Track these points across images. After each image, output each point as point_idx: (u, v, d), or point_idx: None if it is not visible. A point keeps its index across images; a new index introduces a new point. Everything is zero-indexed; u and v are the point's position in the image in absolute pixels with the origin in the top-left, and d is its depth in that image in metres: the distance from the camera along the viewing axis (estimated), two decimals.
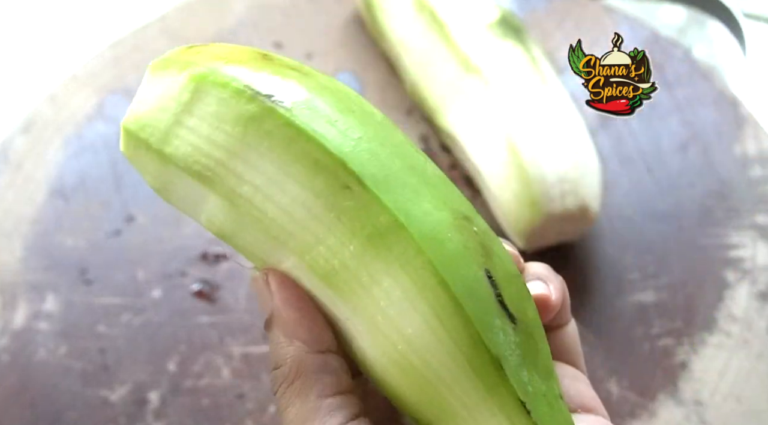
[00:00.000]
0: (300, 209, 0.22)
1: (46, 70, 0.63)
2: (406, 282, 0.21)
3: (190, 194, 0.24)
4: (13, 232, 0.47)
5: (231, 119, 0.23)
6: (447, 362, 0.21)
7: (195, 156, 0.23)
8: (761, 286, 0.44)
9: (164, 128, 0.24)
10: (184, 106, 0.24)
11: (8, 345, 0.43)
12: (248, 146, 0.23)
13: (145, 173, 0.25)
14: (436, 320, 0.21)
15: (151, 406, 0.41)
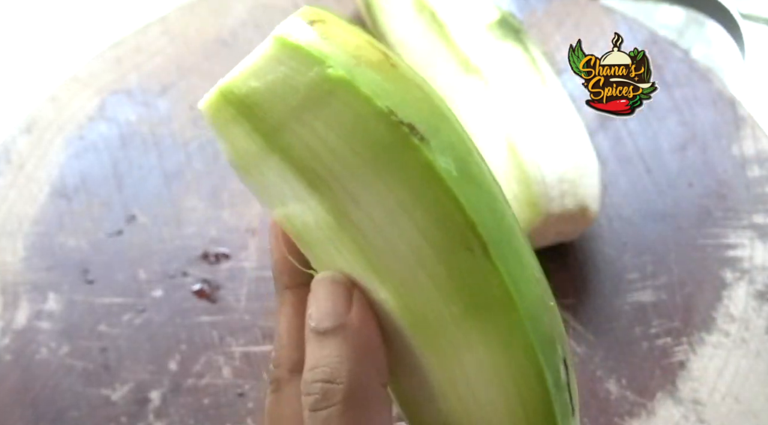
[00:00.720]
0: (411, 253, 0.21)
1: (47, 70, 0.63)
2: (501, 361, 0.20)
3: (280, 188, 0.22)
4: (15, 232, 0.47)
5: (364, 139, 0.21)
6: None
7: (311, 160, 0.21)
8: (759, 286, 0.44)
9: (280, 117, 0.21)
10: (312, 104, 0.21)
11: (10, 344, 0.43)
12: (375, 173, 0.21)
13: (229, 145, 0.23)
14: (520, 408, 0.20)
15: (153, 405, 0.41)
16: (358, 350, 0.21)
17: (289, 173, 0.21)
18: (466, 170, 0.21)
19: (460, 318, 0.21)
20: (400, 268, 0.21)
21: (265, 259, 0.46)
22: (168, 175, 0.49)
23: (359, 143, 0.21)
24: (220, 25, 0.55)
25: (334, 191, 0.21)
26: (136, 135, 0.50)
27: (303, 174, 0.21)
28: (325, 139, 0.21)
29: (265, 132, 0.21)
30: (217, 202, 0.48)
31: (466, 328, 0.21)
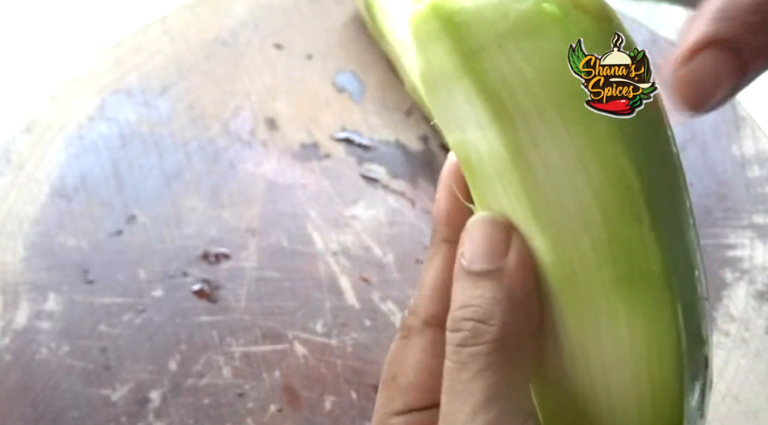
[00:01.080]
0: (577, 209, 0.20)
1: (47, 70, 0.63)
2: (642, 339, 0.20)
3: (463, 112, 0.22)
4: (15, 232, 0.47)
5: (560, 82, 0.20)
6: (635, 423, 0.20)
7: (503, 89, 0.20)
8: (759, 286, 0.44)
9: (483, 40, 0.21)
10: (518, 34, 0.20)
11: (10, 344, 0.43)
12: (562, 118, 0.20)
13: (426, 59, 0.22)
14: (650, 390, 0.20)
15: (153, 405, 0.41)
16: (513, 295, 0.21)
17: (476, 99, 0.21)
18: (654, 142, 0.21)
19: (609, 285, 0.20)
20: (563, 221, 0.20)
21: (266, 259, 0.46)
22: (168, 175, 0.49)
23: (555, 84, 0.20)
24: (220, 26, 0.55)
25: (516, 126, 0.21)
26: (136, 135, 0.50)
27: (491, 102, 0.21)
28: (522, 71, 0.20)
29: (465, 52, 0.21)
30: (217, 202, 0.48)
31: (614, 297, 0.20)
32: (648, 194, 0.20)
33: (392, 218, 0.47)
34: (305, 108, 0.52)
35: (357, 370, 0.42)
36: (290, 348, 0.43)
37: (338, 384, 0.42)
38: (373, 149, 0.50)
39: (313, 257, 0.46)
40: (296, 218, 0.47)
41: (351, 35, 0.55)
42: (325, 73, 0.53)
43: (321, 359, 0.43)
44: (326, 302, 0.44)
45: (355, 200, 0.48)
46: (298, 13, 0.56)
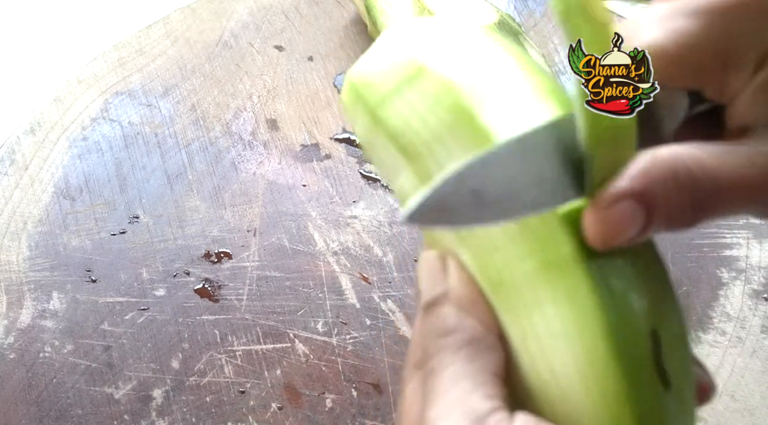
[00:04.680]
0: None
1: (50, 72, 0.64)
2: (569, 318, 0.21)
3: (390, 161, 0.25)
4: (20, 232, 0.47)
5: (447, 105, 0.23)
6: (587, 407, 0.21)
7: (404, 130, 0.24)
8: (755, 285, 0.44)
9: (384, 92, 0.25)
10: (409, 79, 0.24)
11: (14, 343, 0.43)
12: (455, 137, 0.23)
13: (356, 126, 0.26)
14: (588, 366, 0.21)
15: (155, 403, 0.42)
16: (462, 304, 0.23)
17: (390, 144, 0.24)
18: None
19: (532, 275, 0.22)
20: (480, 230, 0.22)
21: (266, 258, 0.46)
22: (170, 175, 0.49)
23: (443, 109, 0.23)
24: (221, 28, 0.56)
25: (422, 157, 0.23)
26: (139, 136, 0.51)
27: (398, 143, 0.24)
28: (418, 109, 0.24)
29: (372, 108, 0.25)
30: (218, 202, 0.48)
31: (538, 285, 0.21)
32: None
33: (392, 218, 0.47)
34: (306, 109, 0.52)
35: (357, 368, 0.43)
36: (291, 347, 0.43)
37: (339, 382, 0.42)
38: None
39: (313, 257, 0.46)
40: (297, 218, 0.47)
41: (351, 37, 0.55)
42: (325, 75, 0.54)
43: (321, 357, 0.43)
44: (327, 302, 0.45)
45: (355, 200, 0.48)
46: (299, 15, 0.57)
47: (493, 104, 0.23)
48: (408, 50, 0.25)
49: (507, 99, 0.23)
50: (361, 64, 0.26)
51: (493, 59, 0.24)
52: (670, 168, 0.20)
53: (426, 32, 0.25)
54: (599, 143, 0.20)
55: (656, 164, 0.20)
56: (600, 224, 0.20)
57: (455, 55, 0.24)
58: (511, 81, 0.23)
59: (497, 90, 0.23)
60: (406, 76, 0.24)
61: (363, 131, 0.26)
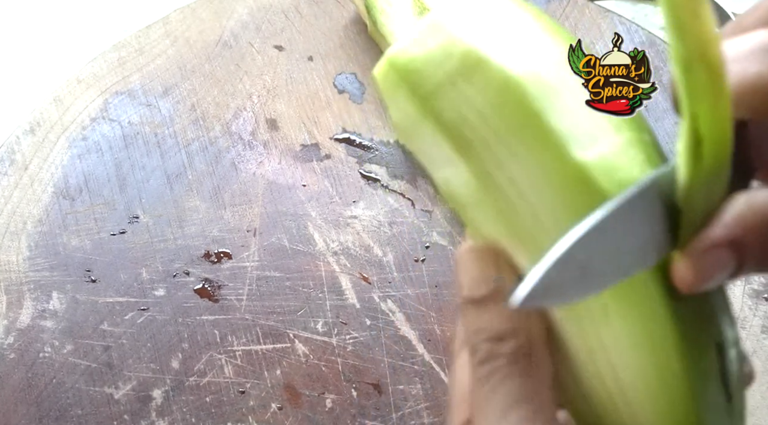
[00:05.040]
0: (551, 219, 0.21)
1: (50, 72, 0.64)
2: (640, 333, 0.21)
3: (435, 151, 0.24)
4: (19, 232, 0.47)
5: (514, 106, 0.22)
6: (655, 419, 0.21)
7: (461, 124, 0.22)
8: (755, 285, 0.44)
9: (437, 81, 0.23)
10: (466, 70, 0.22)
11: (14, 343, 0.43)
12: (521, 140, 0.21)
13: (395, 109, 0.25)
14: (658, 378, 0.21)
15: (155, 403, 0.42)
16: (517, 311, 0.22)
17: (440, 137, 0.23)
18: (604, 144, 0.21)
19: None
20: (540, 233, 0.21)
21: (266, 258, 0.46)
22: (170, 175, 0.49)
23: (505, 108, 0.22)
24: (221, 27, 0.56)
25: (479, 154, 0.22)
26: (139, 136, 0.51)
27: (452, 136, 0.22)
28: (476, 105, 0.22)
29: (422, 96, 0.23)
30: (218, 202, 0.48)
31: (605, 299, 0.21)
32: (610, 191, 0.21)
33: (392, 218, 0.47)
34: (306, 109, 0.52)
35: (357, 369, 0.42)
36: (291, 347, 0.43)
37: (338, 382, 0.42)
38: (373, 150, 0.50)
39: (313, 257, 0.46)
40: (297, 218, 0.47)
41: (351, 37, 0.55)
42: (325, 75, 0.54)
43: (321, 357, 0.43)
44: (327, 302, 0.45)
45: (355, 200, 0.48)
46: (299, 15, 0.57)
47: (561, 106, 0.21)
48: (463, 37, 0.23)
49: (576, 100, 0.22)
50: (406, 44, 0.24)
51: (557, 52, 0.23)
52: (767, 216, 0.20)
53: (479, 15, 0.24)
54: (696, 191, 0.20)
55: (753, 211, 0.20)
56: (692, 271, 0.20)
57: (516, 46, 0.22)
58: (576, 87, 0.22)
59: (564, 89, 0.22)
60: (462, 66, 0.22)
61: (405, 118, 0.24)
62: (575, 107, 0.22)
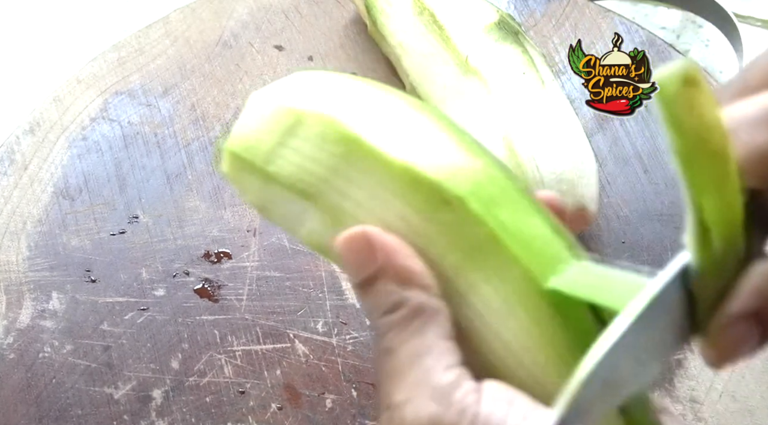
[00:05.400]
0: (401, 222, 0.23)
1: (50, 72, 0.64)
2: (505, 291, 0.22)
3: (291, 211, 0.26)
4: (19, 232, 0.47)
5: (334, 139, 0.24)
6: (545, 367, 0.22)
7: (299, 174, 0.25)
8: None
9: (268, 148, 0.25)
10: (289, 128, 0.25)
11: (14, 343, 0.43)
12: (350, 165, 0.24)
13: (247, 193, 0.27)
14: (536, 327, 0.22)
15: (155, 403, 0.42)
16: (400, 277, 0.23)
17: (289, 195, 0.25)
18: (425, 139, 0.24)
19: (459, 265, 0.23)
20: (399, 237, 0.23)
21: (266, 258, 0.46)
22: (170, 175, 0.49)
23: (331, 143, 0.24)
24: (221, 27, 0.56)
25: (325, 194, 0.24)
26: (139, 136, 0.51)
27: (297, 189, 0.25)
28: (306, 153, 0.25)
29: (260, 167, 0.25)
30: (218, 202, 0.48)
31: (467, 272, 0.23)
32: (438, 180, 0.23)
33: None
34: None
35: (357, 369, 0.42)
36: (291, 347, 0.43)
37: (338, 382, 0.42)
38: None
39: (313, 257, 0.46)
40: None
41: (351, 37, 0.55)
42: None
43: (321, 357, 0.43)
44: (327, 302, 0.45)
45: None
46: (299, 14, 0.57)
47: (375, 126, 0.24)
48: (280, 103, 0.26)
49: (386, 119, 0.24)
50: (234, 132, 0.27)
51: (363, 91, 0.26)
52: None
53: (292, 85, 0.27)
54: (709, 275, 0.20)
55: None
56: (716, 349, 0.20)
57: (328, 96, 0.25)
58: (385, 106, 0.25)
59: (375, 114, 0.24)
60: (285, 126, 0.25)
61: (256, 194, 0.26)
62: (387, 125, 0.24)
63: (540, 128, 0.42)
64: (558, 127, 0.42)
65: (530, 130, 0.41)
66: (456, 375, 0.22)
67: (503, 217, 0.23)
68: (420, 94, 0.48)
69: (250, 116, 0.27)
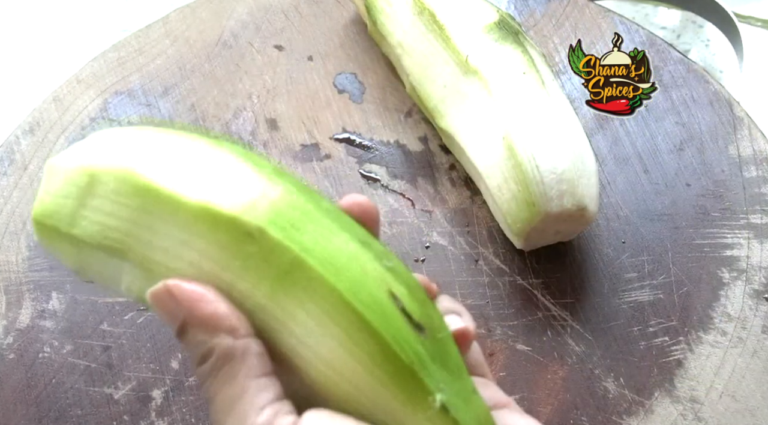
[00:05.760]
0: (209, 262, 0.24)
1: (50, 72, 0.64)
2: (316, 311, 0.23)
3: (106, 268, 0.26)
4: (19, 232, 0.47)
5: (130, 192, 0.25)
6: (365, 376, 0.23)
7: (104, 232, 0.25)
8: (756, 285, 0.44)
9: (70, 212, 0.26)
10: (85, 188, 0.25)
11: (13, 343, 0.43)
12: (150, 214, 0.24)
13: (63, 258, 0.27)
14: (349, 340, 0.23)
15: (155, 404, 0.41)
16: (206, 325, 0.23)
17: (99, 254, 0.26)
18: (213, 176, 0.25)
19: (271, 294, 0.23)
20: (211, 280, 0.24)
21: None
22: None
23: (127, 197, 0.25)
24: (221, 27, 0.56)
25: (132, 247, 0.25)
26: None
27: (105, 248, 0.25)
28: (105, 210, 0.25)
29: (65, 230, 0.26)
30: None
31: (280, 299, 0.23)
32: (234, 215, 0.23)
33: (392, 218, 0.47)
34: (306, 109, 0.52)
35: None
36: None
37: None
38: (373, 150, 0.50)
39: None
40: None
41: (351, 37, 0.55)
42: (325, 75, 0.54)
43: None
44: None
45: None
46: (299, 14, 0.57)
47: (169, 172, 0.24)
48: (75, 164, 0.26)
49: (181, 163, 0.25)
50: (36, 201, 0.27)
51: (159, 141, 0.26)
52: None
53: (88, 145, 0.27)
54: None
55: None
56: None
57: (122, 150, 0.26)
58: (181, 150, 0.25)
59: (169, 160, 0.25)
60: (80, 187, 0.25)
61: (70, 259, 0.27)
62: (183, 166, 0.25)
63: (540, 127, 0.42)
64: (558, 127, 0.42)
65: (530, 130, 0.41)
66: (271, 413, 0.22)
67: (305, 240, 0.23)
68: (420, 94, 0.48)
69: (49, 182, 0.27)
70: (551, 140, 0.41)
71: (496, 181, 0.42)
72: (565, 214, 0.41)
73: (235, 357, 0.23)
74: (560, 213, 0.41)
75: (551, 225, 0.42)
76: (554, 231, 0.43)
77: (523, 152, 0.41)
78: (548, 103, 0.43)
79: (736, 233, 0.46)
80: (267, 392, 0.23)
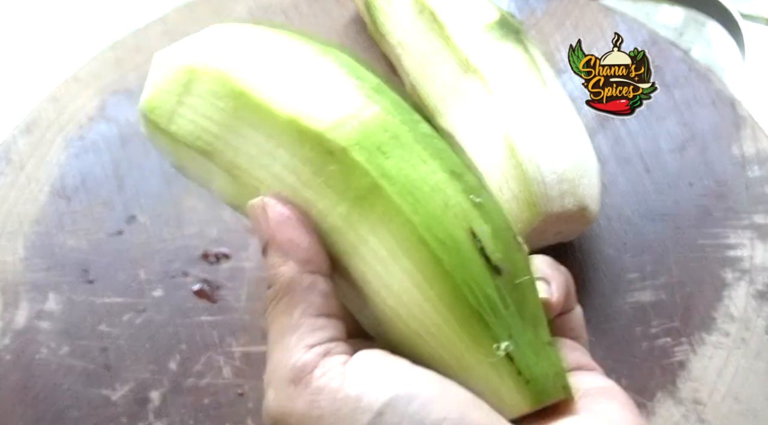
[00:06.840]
0: (291, 175, 0.23)
1: (47, 71, 0.64)
2: (390, 240, 0.22)
3: (200, 169, 0.26)
4: (16, 232, 0.47)
5: (224, 95, 0.24)
6: (432, 315, 0.22)
7: (197, 132, 0.25)
8: (759, 286, 0.44)
9: (170, 108, 0.26)
10: (185, 85, 0.25)
11: (10, 344, 0.43)
12: (241, 120, 0.24)
13: (164, 153, 0.28)
14: (419, 274, 0.22)
15: (153, 405, 0.41)
16: (281, 249, 0.23)
17: (194, 154, 0.26)
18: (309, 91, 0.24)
19: (347, 216, 0.23)
20: (291, 194, 0.24)
21: None
22: (168, 175, 0.49)
23: (222, 99, 0.24)
24: None
25: (220, 150, 0.25)
26: (137, 135, 0.50)
27: (197, 148, 0.25)
28: (199, 110, 0.25)
29: (164, 126, 0.26)
30: (217, 202, 0.48)
31: (355, 223, 0.23)
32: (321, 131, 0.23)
33: None
34: None
35: None
36: None
37: None
38: None
39: None
40: None
41: (351, 36, 0.55)
42: None
43: None
44: None
45: None
46: (299, 13, 0.56)
47: (266, 79, 0.24)
48: (179, 61, 0.26)
49: (281, 71, 0.24)
50: (143, 95, 0.27)
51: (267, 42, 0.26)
52: None
53: (196, 41, 0.27)
54: None
55: None
56: None
57: (226, 50, 0.25)
58: (285, 56, 0.25)
59: (270, 66, 0.24)
60: (181, 84, 0.25)
61: (171, 155, 0.27)
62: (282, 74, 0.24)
63: (541, 127, 0.41)
64: (559, 126, 0.42)
65: (531, 129, 0.41)
66: (320, 351, 0.22)
67: (388, 165, 0.22)
68: (420, 94, 0.48)
69: (155, 76, 0.27)
70: (552, 140, 0.41)
71: (497, 181, 0.42)
72: (566, 214, 0.41)
73: (297, 291, 0.23)
74: (561, 213, 0.41)
75: (552, 225, 0.42)
76: (555, 231, 0.43)
77: (523, 151, 0.41)
78: (549, 103, 0.42)
79: (739, 234, 0.46)
80: (321, 332, 0.23)
